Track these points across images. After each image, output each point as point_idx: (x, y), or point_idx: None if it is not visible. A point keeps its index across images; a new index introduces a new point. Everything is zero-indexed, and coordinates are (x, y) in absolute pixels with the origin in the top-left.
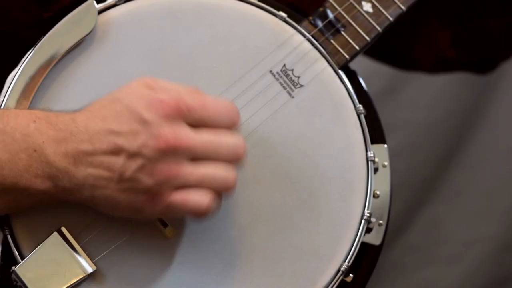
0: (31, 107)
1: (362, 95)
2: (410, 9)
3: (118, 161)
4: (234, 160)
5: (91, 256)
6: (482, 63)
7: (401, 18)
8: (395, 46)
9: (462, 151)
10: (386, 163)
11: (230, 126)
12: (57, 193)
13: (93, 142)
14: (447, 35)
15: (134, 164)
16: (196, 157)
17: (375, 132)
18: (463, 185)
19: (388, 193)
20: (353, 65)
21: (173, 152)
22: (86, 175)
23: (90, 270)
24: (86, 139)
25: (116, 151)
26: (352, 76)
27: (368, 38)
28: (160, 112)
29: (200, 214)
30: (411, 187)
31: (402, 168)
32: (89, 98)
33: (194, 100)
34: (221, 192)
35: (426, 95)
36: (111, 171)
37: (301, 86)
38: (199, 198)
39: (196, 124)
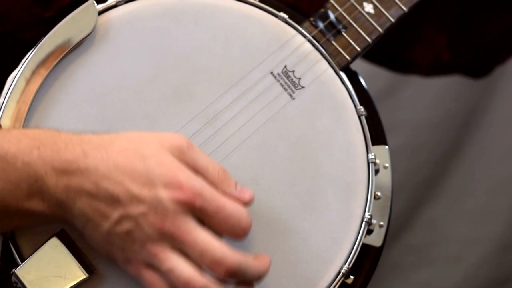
0: (31, 107)
1: (363, 96)
2: (412, 10)
3: (113, 214)
4: (212, 269)
5: (91, 258)
6: (477, 68)
7: (398, 21)
8: (391, 49)
9: (462, 151)
10: (387, 165)
11: (234, 238)
12: (56, 219)
13: (98, 186)
14: (443, 38)
15: (125, 225)
16: (181, 250)
17: (376, 133)
18: (463, 185)
19: (389, 195)
20: (353, 66)
21: (163, 236)
22: (81, 213)
23: (90, 272)
24: (93, 180)
25: (116, 205)
26: (353, 77)
27: (369, 39)
28: (174, 198)
29: None
30: (411, 187)
31: (402, 168)
32: (89, 99)
33: (212, 202)
34: None
35: (426, 95)
36: (103, 220)
37: (302, 87)
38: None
39: (202, 218)
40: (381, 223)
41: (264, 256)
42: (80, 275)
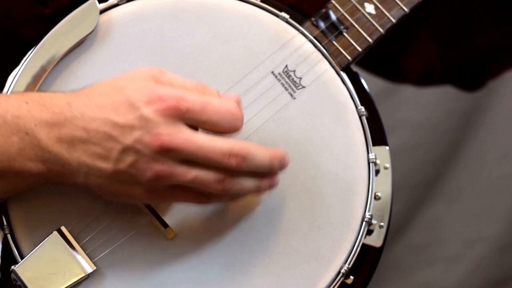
0: None
1: (364, 97)
2: (412, 11)
3: (112, 153)
4: (226, 167)
5: (90, 256)
6: (469, 80)
7: (391, 30)
8: (383, 59)
9: (462, 151)
10: (387, 165)
11: (231, 130)
12: (51, 176)
13: (88, 129)
14: (434, 50)
15: (128, 159)
16: (188, 158)
17: (377, 133)
18: (463, 185)
19: (389, 195)
20: (354, 66)
21: (166, 153)
22: (80, 163)
23: (89, 270)
24: (81, 126)
25: (111, 142)
26: (354, 78)
27: (370, 40)
28: (159, 110)
29: (200, 204)
30: (411, 187)
31: (402, 168)
32: None
33: (196, 101)
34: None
35: (426, 95)
36: (104, 161)
37: (303, 87)
38: (196, 195)
39: (195, 124)
40: (381, 223)
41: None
42: (80, 273)
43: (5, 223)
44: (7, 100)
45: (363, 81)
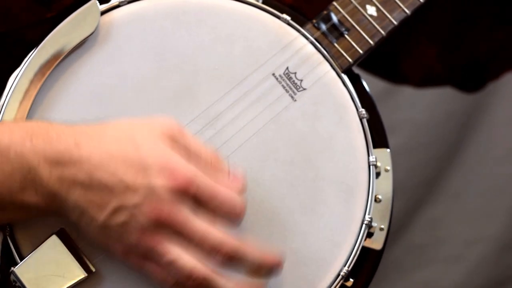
0: (33, 107)
1: (365, 99)
2: (414, 13)
3: (108, 206)
4: (212, 255)
5: (90, 258)
6: (469, 82)
7: (392, 33)
8: (383, 60)
9: (462, 151)
10: (388, 168)
11: (229, 223)
12: (50, 211)
13: (92, 176)
14: (434, 51)
15: (120, 217)
16: (178, 240)
17: (378, 136)
18: (463, 185)
19: (390, 198)
20: (355, 68)
21: (159, 226)
22: (75, 205)
23: (89, 271)
24: (86, 170)
25: (110, 196)
26: (356, 80)
27: (371, 42)
28: (168, 185)
29: None
30: (411, 187)
31: (402, 168)
32: (90, 98)
33: (206, 188)
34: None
35: (426, 95)
36: (98, 211)
37: (304, 89)
38: (163, 278)
39: (199, 205)
40: (382, 226)
41: (270, 252)
42: (79, 274)
43: (5, 225)
44: (11, 134)
45: (364, 84)
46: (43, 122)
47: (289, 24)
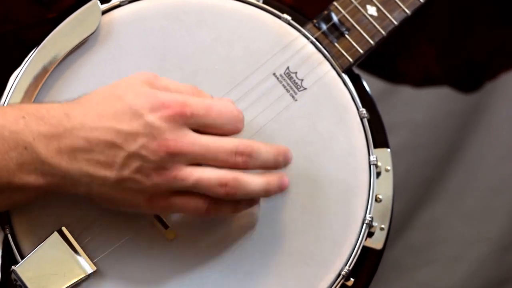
0: None
1: (366, 99)
2: (414, 13)
3: (116, 160)
4: (233, 165)
5: (91, 257)
6: (467, 82)
7: (393, 33)
8: (382, 60)
9: (462, 151)
10: (389, 168)
11: (234, 131)
12: (52, 189)
13: (89, 139)
14: (433, 51)
15: (132, 165)
16: (195, 161)
17: (378, 136)
18: (463, 185)
19: (391, 198)
20: (355, 68)
21: (172, 157)
22: (82, 173)
23: (90, 270)
24: (82, 136)
25: (114, 150)
26: (356, 80)
27: (372, 42)
28: (164, 116)
29: (200, 216)
30: (411, 187)
31: (402, 168)
32: None
33: (199, 105)
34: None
35: (425, 95)
36: (108, 169)
37: (304, 89)
38: (196, 204)
39: (198, 127)
40: (382, 226)
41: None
42: (80, 273)
43: (5, 224)
44: (4, 115)
45: (365, 84)
46: (32, 103)
47: (289, 24)
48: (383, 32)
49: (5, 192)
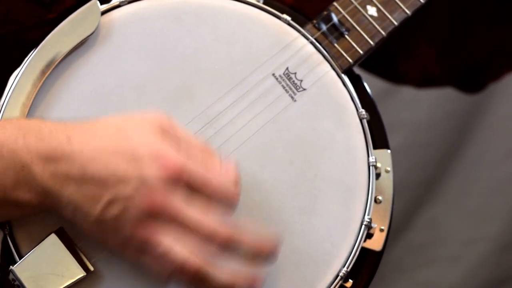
0: (33, 106)
1: (366, 100)
2: (414, 14)
3: (101, 199)
4: (208, 242)
5: (89, 257)
6: (469, 83)
7: (393, 34)
8: (382, 60)
9: (462, 151)
10: (389, 169)
11: (227, 207)
12: (46, 208)
13: (85, 170)
14: (433, 51)
15: (114, 209)
16: (173, 230)
17: (378, 137)
18: (463, 185)
19: (390, 199)
20: (356, 69)
21: (153, 215)
22: (69, 201)
23: (87, 270)
24: (78, 164)
25: (104, 188)
26: (357, 80)
27: (372, 42)
28: (160, 174)
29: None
30: (411, 187)
31: (402, 168)
32: (90, 98)
33: (198, 176)
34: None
35: (425, 95)
36: (93, 205)
37: (304, 89)
38: (159, 271)
39: (192, 193)
40: (382, 227)
41: (266, 238)
42: (78, 273)
43: (5, 223)
44: (4, 132)
45: (365, 85)
46: (36, 119)
47: (289, 24)
48: (383, 33)
49: (2, 207)
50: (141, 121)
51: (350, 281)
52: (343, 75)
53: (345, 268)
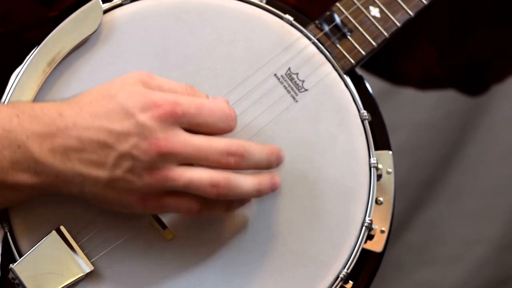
0: None
1: (368, 101)
2: (417, 15)
3: (107, 160)
4: (225, 165)
5: (89, 256)
6: (472, 85)
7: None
8: (383, 62)
9: (462, 152)
10: (390, 170)
11: (227, 130)
12: (45, 188)
13: (82, 138)
14: (434, 53)
15: (124, 164)
16: (187, 162)
17: (380, 138)
18: (463, 185)
19: (392, 200)
20: (359, 69)
21: (163, 157)
22: (75, 172)
23: (87, 269)
24: (74, 135)
25: (106, 149)
26: (359, 82)
27: (374, 43)
28: (155, 116)
29: (193, 216)
30: (411, 187)
31: (402, 168)
32: None
33: (191, 104)
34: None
35: (426, 95)
36: (100, 169)
37: (306, 90)
38: (188, 204)
39: (190, 127)
40: (383, 228)
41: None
42: (78, 272)
43: (4, 222)
44: None
45: (368, 86)
46: (27, 102)
47: (291, 24)
48: (386, 34)
49: (1, 190)
50: (121, 80)
51: (351, 282)
52: (345, 76)
53: (345, 270)
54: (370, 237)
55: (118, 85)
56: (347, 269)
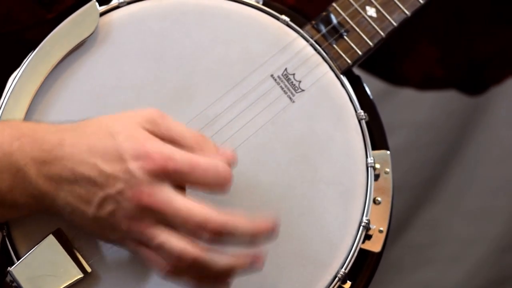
0: (31, 107)
1: (365, 101)
2: (413, 15)
3: (94, 198)
4: (199, 239)
5: (86, 258)
6: (471, 85)
7: (392, 35)
8: (383, 62)
9: (462, 152)
10: (388, 170)
11: (218, 192)
12: (41, 210)
13: (75, 172)
14: (434, 54)
15: (107, 207)
16: (165, 222)
17: (378, 138)
18: (463, 185)
19: (390, 200)
20: (356, 70)
21: (143, 210)
22: (66, 202)
23: (85, 272)
24: (69, 167)
25: (95, 188)
26: (356, 82)
27: (371, 43)
28: (145, 168)
29: (161, 274)
30: (411, 187)
31: (402, 168)
32: (89, 99)
33: (185, 162)
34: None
35: (425, 95)
36: (87, 205)
37: (302, 90)
38: (159, 263)
39: (181, 183)
40: (381, 228)
41: (262, 219)
42: (76, 274)
43: (2, 225)
44: (1, 134)
45: (365, 86)
46: (31, 123)
47: (288, 25)
48: (382, 34)
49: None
50: (128, 119)
51: (349, 282)
52: (342, 76)
53: (343, 270)
54: (368, 237)
55: (122, 123)
56: (345, 269)
